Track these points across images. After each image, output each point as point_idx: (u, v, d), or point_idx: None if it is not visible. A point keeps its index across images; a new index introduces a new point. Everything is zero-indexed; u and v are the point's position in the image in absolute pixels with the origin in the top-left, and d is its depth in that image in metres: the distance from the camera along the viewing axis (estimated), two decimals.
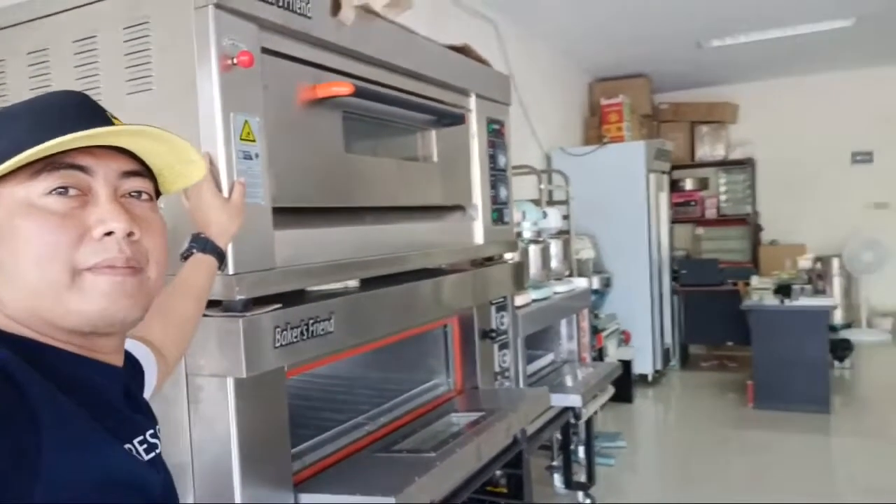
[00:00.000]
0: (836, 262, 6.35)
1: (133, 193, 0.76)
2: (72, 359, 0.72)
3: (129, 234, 0.72)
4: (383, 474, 1.47)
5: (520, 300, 2.52)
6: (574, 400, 2.45)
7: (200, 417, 1.27)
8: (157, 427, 0.84)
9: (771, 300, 4.53)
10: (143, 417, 0.82)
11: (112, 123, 0.76)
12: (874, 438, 4.01)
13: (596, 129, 6.00)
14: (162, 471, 0.81)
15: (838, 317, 6.02)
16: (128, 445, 0.73)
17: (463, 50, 2.09)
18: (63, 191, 0.70)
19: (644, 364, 5.01)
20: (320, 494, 1.37)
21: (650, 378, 5.10)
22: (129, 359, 0.97)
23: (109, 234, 0.70)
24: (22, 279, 0.69)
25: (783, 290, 4.54)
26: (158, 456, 0.80)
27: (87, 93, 1.33)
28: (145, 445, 0.76)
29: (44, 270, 0.68)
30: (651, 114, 6.62)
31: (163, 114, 1.26)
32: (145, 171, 0.78)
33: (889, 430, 4.26)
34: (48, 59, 1.40)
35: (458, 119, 1.93)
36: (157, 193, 0.84)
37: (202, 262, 1.14)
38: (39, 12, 1.41)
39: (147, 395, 1.00)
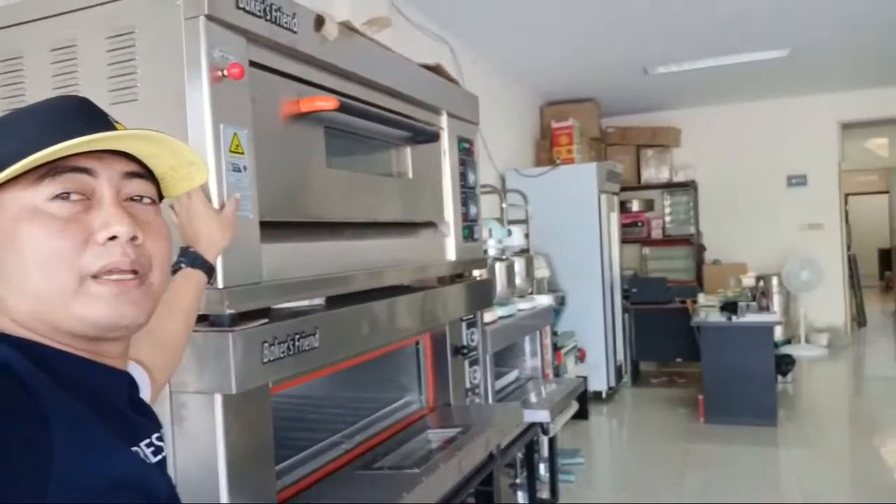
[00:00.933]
0: (775, 281, 6.61)
1: (136, 197, 0.76)
2: (77, 362, 0.72)
3: (133, 238, 0.72)
4: (369, 491, 1.45)
5: (487, 317, 2.53)
6: (543, 416, 2.48)
7: (185, 436, 1.24)
8: (162, 431, 0.83)
9: (718, 317, 4.68)
10: (148, 421, 0.81)
11: (114, 128, 0.76)
12: (818, 449, 4.17)
13: (547, 151, 6.13)
14: (167, 473, 0.81)
15: (779, 333, 6.26)
16: (135, 448, 0.73)
17: (436, 69, 2.12)
18: (66, 195, 0.70)
19: (598, 381, 5.09)
20: None
21: (604, 395, 5.18)
22: (130, 376, 0.95)
23: (113, 238, 0.70)
24: (27, 284, 0.69)
25: (729, 307, 4.70)
26: (164, 459, 0.80)
27: None
28: (152, 448, 0.77)
29: (49, 276, 0.68)
30: (599, 137, 6.81)
31: (149, 124, 1.21)
32: (147, 174, 0.79)
33: (831, 441, 4.44)
34: (22, 68, 1.36)
35: (433, 136, 1.95)
36: (161, 198, 0.84)
37: (190, 277, 1.12)
38: (13, 19, 1.36)
39: None
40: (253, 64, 1.31)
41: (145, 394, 1.00)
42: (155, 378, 1.04)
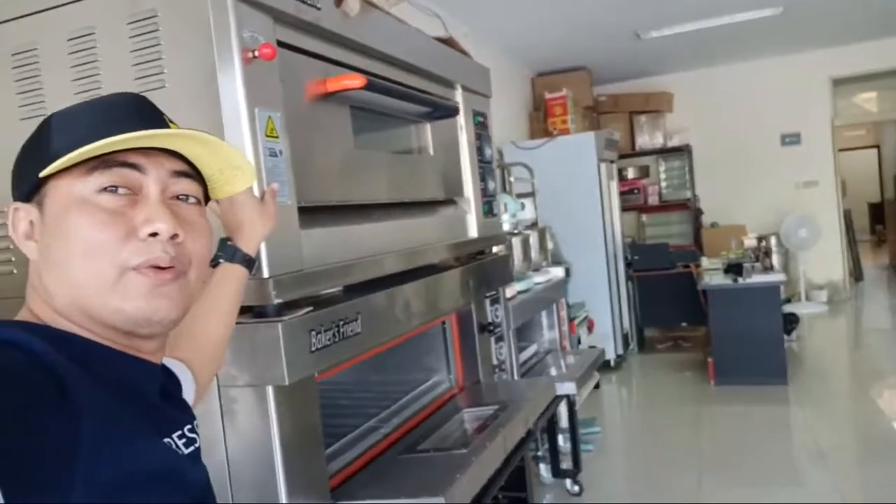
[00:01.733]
0: (773, 240, 6.63)
1: (181, 196, 0.77)
2: (112, 354, 0.73)
3: (174, 237, 0.73)
4: (420, 474, 1.44)
5: (507, 292, 2.51)
6: (569, 388, 2.47)
7: (237, 430, 1.21)
8: (196, 422, 0.84)
9: (723, 280, 4.68)
10: (181, 413, 0.82)
11: (168, 126, 0.77)
12: (829, 405, 4.22)
13: (541, 122, 6.07)
14: (201, 465, 0.81)
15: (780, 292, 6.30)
16: (167, 440, 0.74)
17: (448, 42, 2.07)
18: (114, 189, 0.71)
19: (606, 350, 5.10)
20: (363, 500, 1.32)
21: (612, 363, 5.20)
22: (169, 374, 0.94)
23: (154, 234, 0.71)
24: (69, 272, 0.70)
25: (734, 269, 4.70)
26: (198, 450, 0.81)
27: (88, 93, 1.26)
28: (184, 440, 0.77)
29: (91, 265, 0.70)
30: (592, 105, 6.75)
31: (180, 111, 1.17)
32: (195, 174, 0.80)
33: (841, 396, 4.48)
34: (37, 60, 1.30)
35: (453, 111, 1.91)
36: (207, 198, 0.86)
37: (230, 272, 1.09)
38: (25, 9, 1.30)
39: None
40: (280, 44, 1.27)
41: (189, 393, 0.98)
42: (198, 377, 1.02)
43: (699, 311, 5.31)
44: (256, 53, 1.16)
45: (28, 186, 0.73)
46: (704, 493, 3.09)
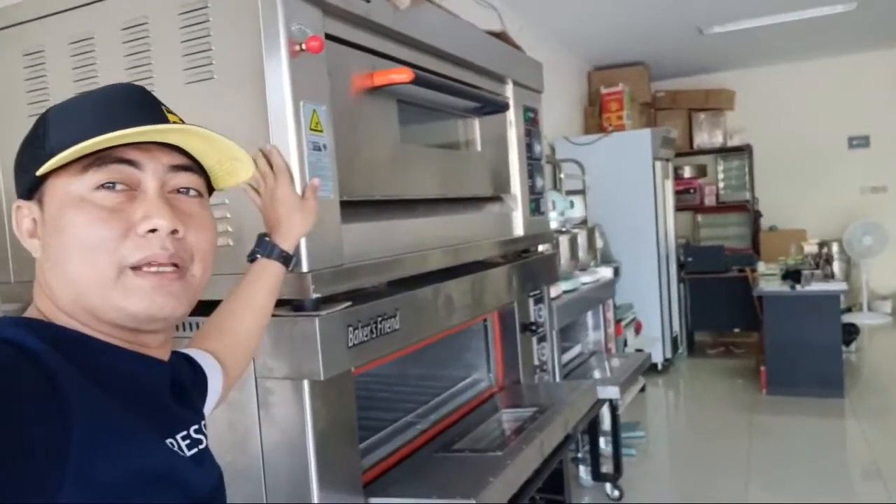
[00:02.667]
0: (835, 247, 6.37)
1: (182, 189, 0.76)
2: (115, 351, 0.72)
3: (174, 232, 0.72)
4: (453, 475, 1.42)
5: (552, 292, 2.47)
6: (612, 392, 2.42)
7: (272, 421, 1.22)
8: (203, 423, 0.82)
9: (780, 286, 4.52)
10: (188, 412, 0.80)
11: (167, 119, 0.76)
12: (888, 420, 4.03)
13: (596, 118, 5.96)
14: (208, 467, 0.79)
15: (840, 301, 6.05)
16: (169, 440, 0.73)
17: (500, 36, 2.04)
18: (112, 185, 0.70)
19: (654, 352, 4.98)
20: (394, 498, 1.32)
21: (660, 367, 5.09)
22: (192, 364, 0.94)
23: (153, 230, 0.70)
24: (69, 270, 0.70)
25: (792, 275, 4.54)
26: (203, 452, 0.79)
27: (140, 83, 1.27)
28: (188, 441, 0.76)
29: (89, 263, 0.69)
30: (649, 102, 6.60)
31: (226, 104, 1.20)
32: (195, 166, 0.78)
33: None
34: (94, 49, 1.33)
35: (503, 106, 1.88)
36: (211, 190, 0.84)
37: (266, 268, 1.09)
38: (78, 1, 1.33)
39: (211, 404, 0.99)
40: (328, 37, 1.26)
41: (216, 384, 0.98)
42: (229, 369, 1.02)
43: (753, 317, 5.15)
44: (304, 46, 1.16)
45: (28, 184, 0.72)
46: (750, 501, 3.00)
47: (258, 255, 1.09)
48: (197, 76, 1.22)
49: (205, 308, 1.13)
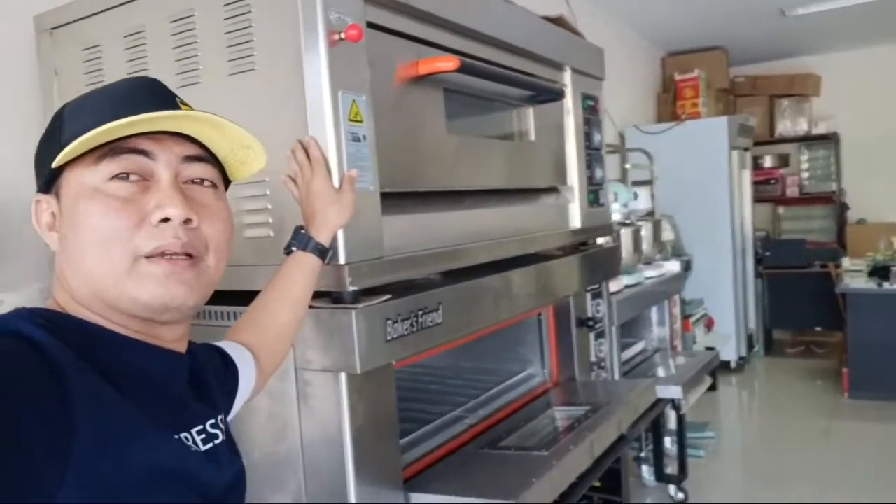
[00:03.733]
0: None
1: (196, 180, 0.75)
2: (130, 344, 0.72)
3: (187, 221, 0.71)
4: (496, 474, 1.39)
5: (613, 286, 2.39)
6: (674, 392, 2.32)
7: (310, 413, 1.21)
8: (221, 417, 0.81)
9: (866, 283, 4.25)
10: (205, 406, 0.79)
11: (179, 107, 0.75)
12: None
13: (669, 105, 5.75)
14: (225, 463, 0.78)
15: None
16: (184, 434, 0.72)
17: (558, 21, 1.97)
18: (125, 176, 0.70)
19: (727, 350, 4.79)
20: (433, 495, 1.30)
21: (733, 365, 4.88)
22: (223, 356, 0.93)
23: (166, 220, 0.70)
24: (84, 261, 0.70)
25: (880, 271, 4.26)
26: (219, 447, 0.77)
27: (186, 75, 1.29)
28: (203, 435, 0.75)
29: (104, 255, 0.69)
30: (727, 88, 6.30)
31: (267, 95, 1.19)
32: (209, 157, 0.78)
33: None
34: (145, 42, 1.35)
35: (558, 94, 1.82)
36: (227, 182, 0.83)
37: (301, 262, 1.08)
38: None
39: (244, 397, 0.99)
40: (370, 25, 1.24)
41: (248, 376, 0.98)
42: (261, 361, 1.02)
43: (837, 315, 4.86)
44: (343, 35, 1.14)
45: (45, 177, 0.73)
46: None
47: (294, 248, 1.09)
48: (239, 67, 1.22)
49: (244, 298, 1.15)
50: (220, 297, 1.28)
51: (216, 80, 1.25)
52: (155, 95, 0.74)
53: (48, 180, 0.73)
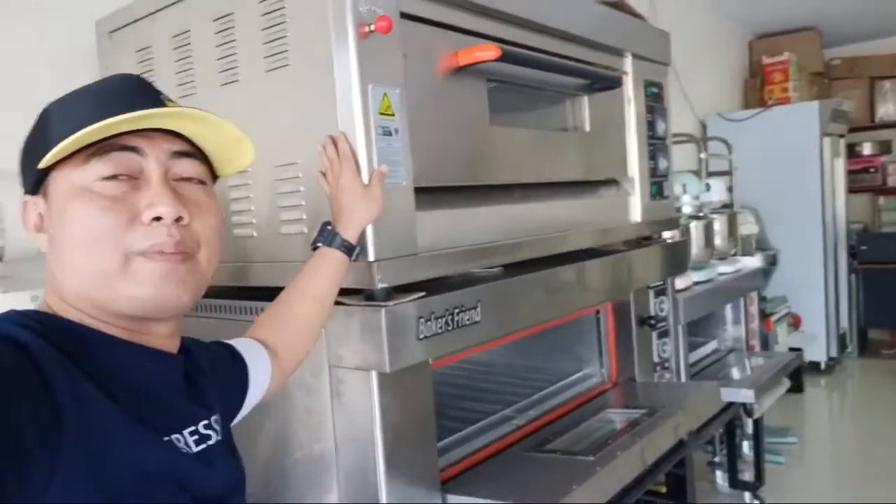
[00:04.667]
0: None
1: (186, 177, 0.75)
2: (120, 345, 0.72)
3: (179, 219, 0.71)
4: (537, 478, 1.34)
5: (680, 283, 2.28)
6: (746, 395, 2.19)
7: (344, 410, 1.21)
8: (216, 417, 0.79)
9: None
10: (200, 407, 0.78)
11: (164, 104, 0.74)
12: None
13: (757, 91, 5.45)
14: (221, 464, 0.76)
15: None
16: (175, 436, 0.72)
17: (617, 5, 1.88)
18: (115, 177, 0.70)
19: (817, 351, 4.51)
20: (469, 497, 1.26)
21: (823, 366, 4.59)
22: (232, 355, 0.93)
23: (158, 218, 0.70)
24: (75, 262, 0.70)
25: None
26: (212, 448, 0.76)
27: (226, 73, 1.30)
28: (196, 437, 0.74)
29: (95, 254, 0.69)
30: (822, 71, 5.91)
31: (300, 91, 1.19)
32: (197, 153, 0.78)
33: None
34: (189, 42, 1.38)
35: (614, 83, 1.73)
36: (215, 178, 0.82)
37: (327, 258, 1.07)
38: None
39: (257, 395, 0.98)
40: (404, 16, 1.21)
41: (263, 372, 0.97)
42: (280, 357, 1.01)
43: None
44: (373, 27, 1.11)
45: (32, 178, 0.73)
46: None
47: (319, 244, 1.08)
48: (275, 63, 1.22)
49: (269, 294, 1.15)
50: (253, 293, 1.31)
51: (254, 77, 1.26)
52: (140, 93, 0.74)
53: (35, 181, 0.73)
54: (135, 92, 0.74)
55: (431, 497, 1.26)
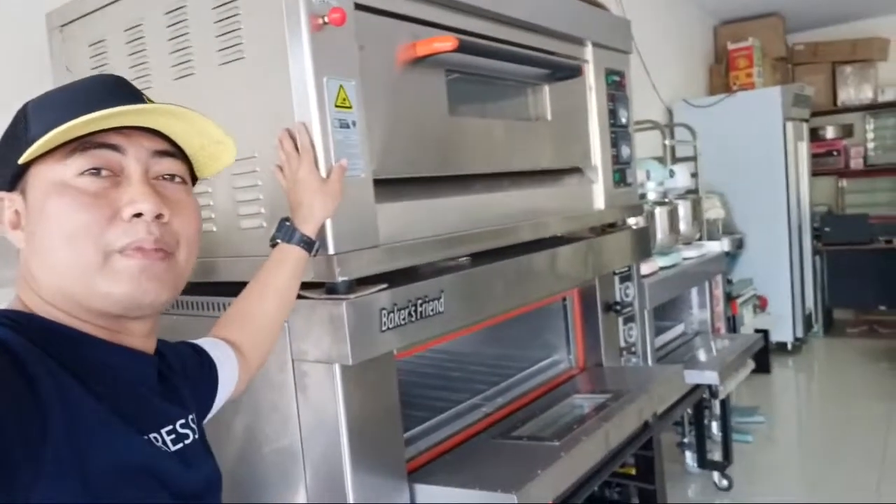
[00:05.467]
0: None
1: (166, 176, 0.76)
2: (98, 344, 0.72)
3: (159, 216, 0.71)
4: (503, 465, 1.36)
5: (645, 268, 2.31)
6: (711, 377, 2.23)
7: (308, 404, 1.21)
8: (192, 417, 0.80)
9: None
10: (176, 407, 0.78)
11: (145, 102, 0.74)
12: None
13: (722, 77, 5.52)
14: (198, 463, 0.77)
15: None
16: (153, 435, 0.72)
17: None
18: (96, 171, 0.70)
19: (783, 331, 4.61)
20: (435, 486, 1.27)
21: (790, 346, 4.69)
22: (200, 355, 0.93)
23: (139, 215, 0.70)
24: (54, 258, 0.69)
25: None
26: (189, 447, 0.76)
27: (181, 66, 1.29)
28: (173, 436, 0.75)
29: (74, 250, 0.68)
30: (785, 56, 6.00)
31: (256, 84, 1.18)
32: (178, 153, 0.78)
33: None
34: (143, 35, 1.36)
35: (574, 71, 1.74)
36: (194, 178, 0.83)
37: (286, 254, 1.07)
38: None
39: (226, 394, 0.98)
40: (360, 7, 1.20)
41: (230, 372, 0.98)
42: (246, 356, 1.01)
43: None
44: (326, 19, 1.11)
45: (10, 175, 0.72)
46: (882, 500, 2.69)
47: (278, 241, 1.08)
48: (229, 56, 1.21)
49: (232, 289, 1.14)
50: (216, 288, 1.30)
51: (209, 70, 1.25)
52: (121, 92, 0.74)
53: (12, 178, 0.73)
54: (116, 91, 0.74)
55: (398, 487, 1.27)
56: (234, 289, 1.17)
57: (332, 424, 1.18)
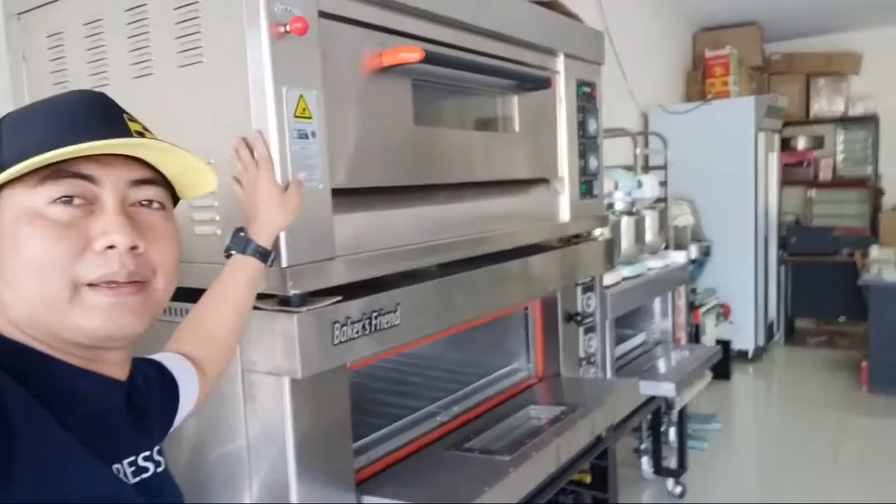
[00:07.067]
0: None
1: (144, 202, 0.73)
2: (70, 371, 0.70)
3: (134, 248, 0.69)
4: (451, 479, 1.36)
5: (609, 279, 2.32)
6: (667, 389, 2.26)
7: (256, 415, 1.20)
8: (157, 448, 0.78)
9: (892, 274, 4.09)
10: (140, 436, 0.77)
11: (128, 127, 0.71)
12: None
13: (699, 83, 5.56)
14: (157, 496, 0.75)
15: None
16: (116, 466, 0.70)
17: (551, 5, 1.89)
18: (68, 199, 0.67)
19: (744, 339, 4.68)
20: (382, 498, 1.27)
21: (750, 354, 4.77)
22: (161, 372, 0.91)
23: (111, 247, 0.67)
24: (23, 288, 0.67)
25: None
26: (149, 480, 0.74)
27: (140, 65, 1.26)
28: (134, 468, 0.73)
29: (43, 283, 0.66)
30: (761, 66, 6.07)
31: (213, 89, 1.16)
32: (159, 178, 0.75)
33: None
34: (103, 31, 1.32)
35: (543, 83, 1.74)
36: (176, 199, 0.81)
37: (242, 265, 1.05)
38: None
39: (185, 410, 0.96)
40: (324, 15, 1.18)
41: (191, 388, 0.96)
42: (204, 370, 1.00)
43: (862, 306, 4.71)
44: (288, 28, 1.09)
45: None
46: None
47: (233, 251, 1.06)
48: (188, 59, 1.18)
49: (189, 294, 1.12)
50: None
51: (167, 71, 1.22)
52: (101, 114, 0.71)
53: None
54: (96, 111, 0.71)
55: (346, 498, 1.27)
56: (187, 294, 1.16)
57: (279, 435, 1.17)
